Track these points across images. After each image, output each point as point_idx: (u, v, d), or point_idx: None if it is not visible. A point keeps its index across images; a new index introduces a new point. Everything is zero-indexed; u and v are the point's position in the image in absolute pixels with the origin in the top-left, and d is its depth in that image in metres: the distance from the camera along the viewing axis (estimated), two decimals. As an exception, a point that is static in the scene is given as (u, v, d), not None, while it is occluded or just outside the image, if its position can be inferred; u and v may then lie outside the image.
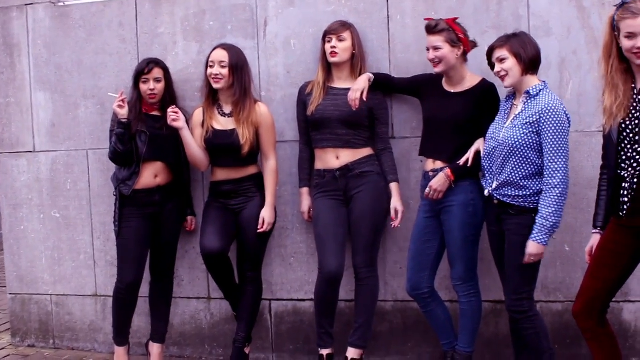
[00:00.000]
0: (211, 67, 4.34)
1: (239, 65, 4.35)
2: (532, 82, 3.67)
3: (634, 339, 4.26)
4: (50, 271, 5.20)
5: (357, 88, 4.16)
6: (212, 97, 4.44)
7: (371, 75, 4.24)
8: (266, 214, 4.38)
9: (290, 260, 4.72)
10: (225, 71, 4.32)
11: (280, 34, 4.64)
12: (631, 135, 3.20)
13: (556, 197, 3.55)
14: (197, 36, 4.77)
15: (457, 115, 3.97)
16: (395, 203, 4.29)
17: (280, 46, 4.64)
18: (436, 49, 3.94)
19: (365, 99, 4.15)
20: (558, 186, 3.55)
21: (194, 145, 4.40)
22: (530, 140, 3.60)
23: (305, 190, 4.48)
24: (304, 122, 4.42)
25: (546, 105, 3.56)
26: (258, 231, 4.35)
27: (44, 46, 5.11)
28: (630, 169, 3.21)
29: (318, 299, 4.30)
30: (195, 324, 4.95)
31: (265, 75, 4.63)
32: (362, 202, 4.26)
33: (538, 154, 3.61)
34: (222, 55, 4.33)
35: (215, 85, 4.35)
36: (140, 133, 4.45)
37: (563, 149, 3.56)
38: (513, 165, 3.65)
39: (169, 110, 4.38)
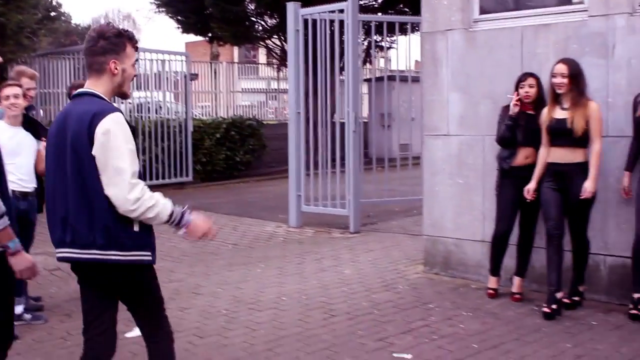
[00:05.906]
0: (554, 77, 5.83)
1: (575, 75, 5.78)
2: None
3: None
4: (452, 221, 7.20)
5: None
6: (555, 98, 5.92)
7: None
8: (588, 184, 5.73)
9: (622, 226, 6.05)
10: (564, 80, 5.78)
11: (623, 55, 5.98)
12: None
13: None
14: (564, 55, 6.22)
15: None
16: None
17: (624, 64, 5.99)
18: None
19: None
20: None
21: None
22: None
23: (628, 173, 5.84)
24: (638, 123, 5.73)
25: None
26: (580, 197, 5.73)
27: (457, 60, 7.11)
28: None
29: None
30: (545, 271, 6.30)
31: (612, 86, 5.99)
32: None
33: None
34: (562, 68, 5.81)
35: (557, 91, 5.85)
36: (520, 125, 6.21)
37: None
38: None
39: None
